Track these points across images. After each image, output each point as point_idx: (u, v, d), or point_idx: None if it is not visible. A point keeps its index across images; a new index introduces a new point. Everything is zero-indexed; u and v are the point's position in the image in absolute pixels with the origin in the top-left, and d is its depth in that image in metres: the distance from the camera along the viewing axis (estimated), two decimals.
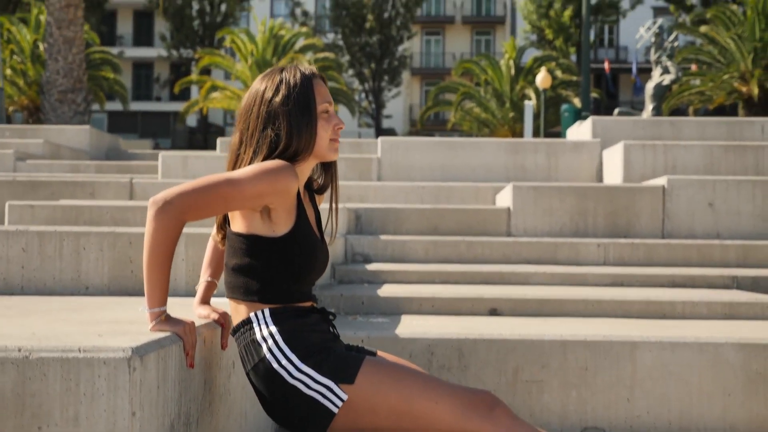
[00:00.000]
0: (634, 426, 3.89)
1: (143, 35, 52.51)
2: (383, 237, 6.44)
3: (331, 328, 2.65)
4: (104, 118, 48.78)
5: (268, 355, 2.48)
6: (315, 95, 2.58)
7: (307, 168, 2.61)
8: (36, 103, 29.63)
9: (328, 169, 2.73)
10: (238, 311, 2.57)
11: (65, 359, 2.05)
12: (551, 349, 3.91)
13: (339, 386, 2.45)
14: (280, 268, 2.52)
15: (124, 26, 52.75)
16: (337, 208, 2.72)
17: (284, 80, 2.57)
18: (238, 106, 31.25)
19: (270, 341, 2.49)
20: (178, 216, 2.34)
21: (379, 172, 9.45)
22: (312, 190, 2.74)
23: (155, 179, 9.57)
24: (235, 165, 2.57)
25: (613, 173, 8.72)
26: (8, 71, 29.86)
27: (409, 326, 4.22)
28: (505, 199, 7.42)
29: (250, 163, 2.52)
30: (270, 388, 2.49)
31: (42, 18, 29.59)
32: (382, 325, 4.26)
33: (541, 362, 3.91)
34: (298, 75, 2.58)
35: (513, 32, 47.74)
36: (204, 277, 2.78)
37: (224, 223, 2.64)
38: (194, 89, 44.61)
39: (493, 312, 4.76)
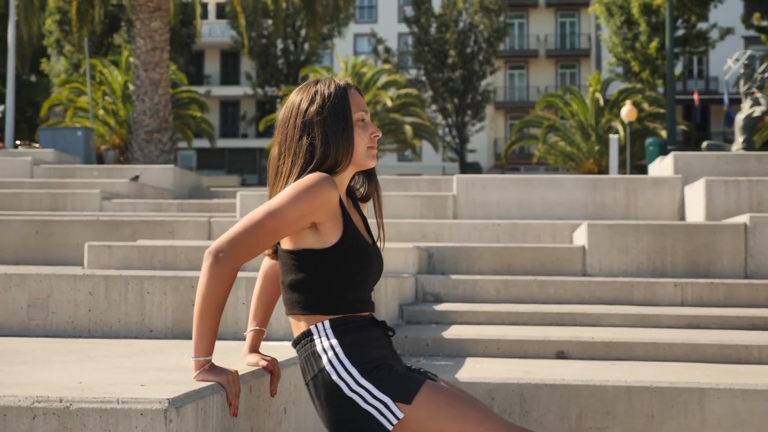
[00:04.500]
0: None
1: (230, 74, 53.58)
2: (454, 276, 6.39)
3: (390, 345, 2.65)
4: (192, 155, 49.80)
5: (328, 367, 2.49)
6: (350, 104, 2.61)
7: (346, 177, 2.63)
8: (126, 142, 30.46)
9: (370, 178, 2.74)
10: (298, 325, 2.59)
11: (104, 410, 2.07)
12: (616, 395, 3.81)
13: (396, 404, 2.44)
14: (336, 278, 2.54)
15: (211, 66, 53.92)
16: (382, 215, 2.72)
17: (319, 91, 2.61)
18: None
19: (330, 353, 2.50)
20: (232, 264, 2.39)
21: (455, 209, 9.40)
22: (355, 197, 2.74)
23: (233, 217, 9.69)
24: (276, 176, 2.61)
25: (695, 210, 8.51)
26: (100, 111, 30.78)
27: (471, 370, 4.17)
28: (580, 237, 7.31)
29: (289, 174, 2.55)
30: (327, 399, 2.49)
31: (132, 60, 30.49)
32: (444, 368, 4.21)
33: (605, 409, 3.81)
34: (333, 85, 2.62)
35: (598, 65, 47.31)
36: (251, 326, 2.79)
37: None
38: None
39: (560, 355, 4.67)
